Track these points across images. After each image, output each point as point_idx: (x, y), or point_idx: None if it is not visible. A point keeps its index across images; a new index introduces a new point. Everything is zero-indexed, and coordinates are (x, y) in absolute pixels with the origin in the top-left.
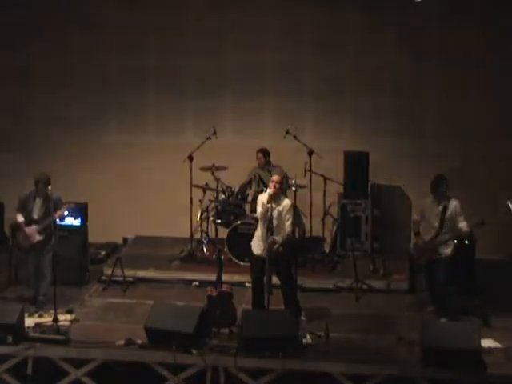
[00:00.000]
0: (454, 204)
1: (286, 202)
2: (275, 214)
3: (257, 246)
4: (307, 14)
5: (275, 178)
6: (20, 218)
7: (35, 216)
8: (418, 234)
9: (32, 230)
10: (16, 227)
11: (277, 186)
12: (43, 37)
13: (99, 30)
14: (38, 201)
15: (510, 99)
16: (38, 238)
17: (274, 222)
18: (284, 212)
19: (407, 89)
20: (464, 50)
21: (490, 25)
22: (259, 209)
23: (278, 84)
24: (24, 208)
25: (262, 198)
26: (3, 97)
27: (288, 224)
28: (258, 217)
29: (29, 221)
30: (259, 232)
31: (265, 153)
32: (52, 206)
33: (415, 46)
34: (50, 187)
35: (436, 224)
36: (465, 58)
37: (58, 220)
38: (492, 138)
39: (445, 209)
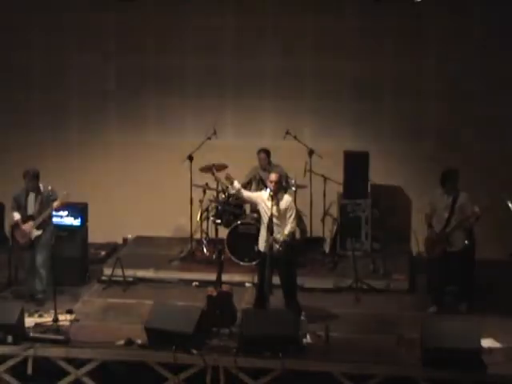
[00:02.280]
0: (463, 196)
1: (287, 198)
2: (275, 212)
3: (261, 243)
4: (308, 15)
5: (273, 177)
6: (16, 216)
7: (30, 212)
8: (430, 226)
9: (29, 226)
10: (14, 226)
11: (275, 185)
12: (42, 36)
13: (99, 30)
14: (32, 196)
15: (509, 99)
16: (35, 233)
17: (276, 221)
18: (286, 208)
19: (407, 89)
20: (464, 50)
21: (490, 25)
22: (255, 194)
23: (278, 84)
24: (19, 206)
25: (262, 194)
26: (3, 97)
27: (291, 220)
28: (252, 195)
29: (25, 217)
30: (262, 230)
31: (267, 153)
32: (46, 199)
33: (415, 46)
34: (40, 184)
35: (446, 215)
36: (465, 58)
37: (54, 214)
38: (492, 138)
39: (455, 200)
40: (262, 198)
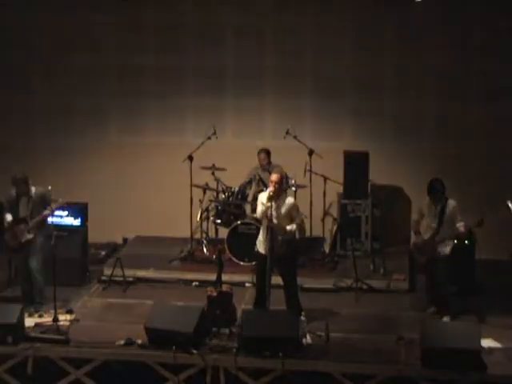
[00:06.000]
0: (451, 205)
1: (290, 201)
2: (275, 213)
3: (261, 244)
4: (307, 15)
5: (274, 177)
6: (9, 217)
7: (23, 214)
8: (417, 233)
9: (21, 228)
10: (6, 228)
11: (276, 186)
12: (43, 36)
13: (99, 30)
14: (24, 199)
15: (510, 99)
16: (27, 236)
17: (276, 222)
18: (288, 211)
19: (407, 89)
20: (464, 50)
21: (490, 25)
22: (259, 208)
23: (278, 84)
24: (11, 207)
25: (262, 197)
26: (3, 97)
27: (296, 220)
28: (259, 216)
29: (17, 220)
30: (262, 231)
31: (267, 153)
32: (38, 202)
33: (415, 46)
34: (33, 187)
35: (434, 224)
36: (465, 58)
37: (50, 217)
38: (492, 138)
39: (443, 209)
40: (261, 201)
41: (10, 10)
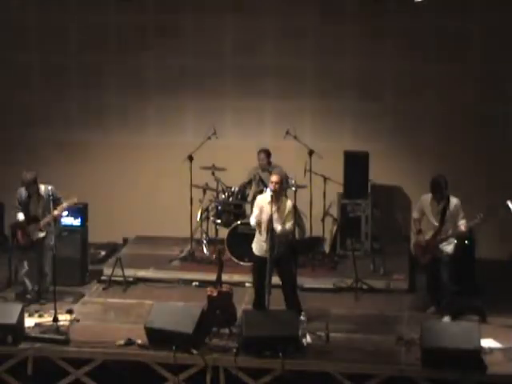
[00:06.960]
0: (454, 203)
1: (288, 204)
2: (275, 216)
3: (258, 247)
4: (308, 15)
5: (274, 178)
6: (21, 217)
7: (34, 213)
8: (419, 232)
9: (33, 227)
10: (16, 225)
11: (276, 186)
12: (43, 36)
13: (99, 30)
14: (34, 198)
15: (510, 99)
16: (39, 235)
17: (276, 223)
18: (286, 213)
19: (407, 89)
20: (464, 50)
21: (490, 25)
22: (262, 215)
23: (278, 84)
24: (23, 206)
25: (260, 200)
26: (4, 97)
27: (289, 225)
28: (254, 222)
29: (29, 219)
30: (260, 233)
31: (267, 153)
32: (48, 200)
33: (415, 45)
34: (41, 185)
35: (436, 223)
36: (464, 58)
37: (60, 216)
38: (492, 138)
39: (445, 208)
40: (261, 204)
41: (9, 9)
